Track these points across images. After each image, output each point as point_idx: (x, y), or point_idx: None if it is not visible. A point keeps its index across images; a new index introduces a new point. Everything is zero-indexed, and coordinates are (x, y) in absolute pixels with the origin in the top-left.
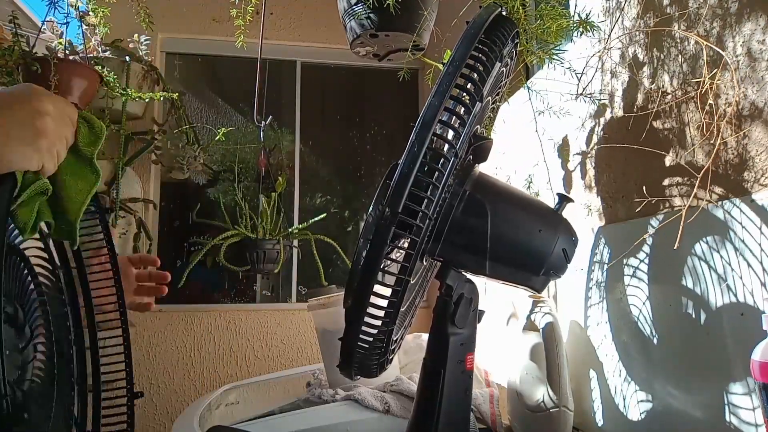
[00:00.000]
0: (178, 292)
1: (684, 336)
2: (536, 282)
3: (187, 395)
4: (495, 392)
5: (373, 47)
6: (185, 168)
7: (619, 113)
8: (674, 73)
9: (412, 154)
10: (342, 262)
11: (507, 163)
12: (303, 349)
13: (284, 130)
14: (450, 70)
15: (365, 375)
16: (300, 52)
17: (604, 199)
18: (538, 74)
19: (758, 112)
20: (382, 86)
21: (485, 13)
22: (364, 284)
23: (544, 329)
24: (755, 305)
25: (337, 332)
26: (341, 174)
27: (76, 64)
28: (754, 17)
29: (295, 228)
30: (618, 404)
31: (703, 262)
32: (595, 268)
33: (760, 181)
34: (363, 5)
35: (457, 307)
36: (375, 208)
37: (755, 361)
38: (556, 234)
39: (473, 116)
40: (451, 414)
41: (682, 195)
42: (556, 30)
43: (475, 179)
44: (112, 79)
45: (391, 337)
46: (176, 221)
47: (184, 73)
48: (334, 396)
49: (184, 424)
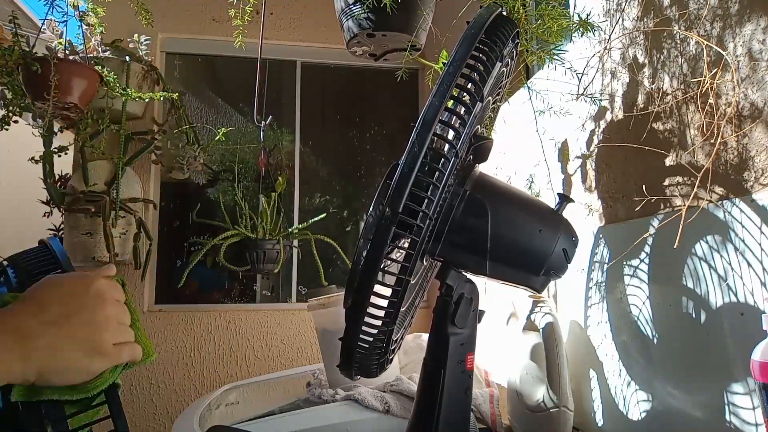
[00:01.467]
0: (178, 292)
1: (684, 336)
2: (536, 282)
3: (187, 395)
4: (495, 392)
5: (369, 47)
6: (185, 168)
7: (620, 113)
8: (674, 73)
9: (412, 154)
10: (342, 262)
11: (507, 163)
12: (303, 349)
13: (284, 130)
14: (450, 70)
15: (365, 375)
16: (300, 52)
17: (604, 199)
18: (538, 74)
19: (758, 112)
20: (381, 86)
21: (486, 13)
22: (364, 284)
23: (544, 329)
24: (755, 305)
25: (337, 332)
26: (341, 174)
27: (76, 64)
28: (754, 17)
29: (295, 228)
30: (618, 404)
31: (703, 262)
32: (595, 268)
33: (760, 181)
34: (360, 5)
35: (458, 307)
36: (375, 208)
37: (755, 361)
38: (557, 234)
39: (474, 116)
40: (451, 414)
41: (682, 195)
42: (557, 30)
43: (475, 179)
44: (112, 79)
45: (391, 337)
46: (176, 221)
47: (184, 73)
48: (334, 396)
49: (184, 424)
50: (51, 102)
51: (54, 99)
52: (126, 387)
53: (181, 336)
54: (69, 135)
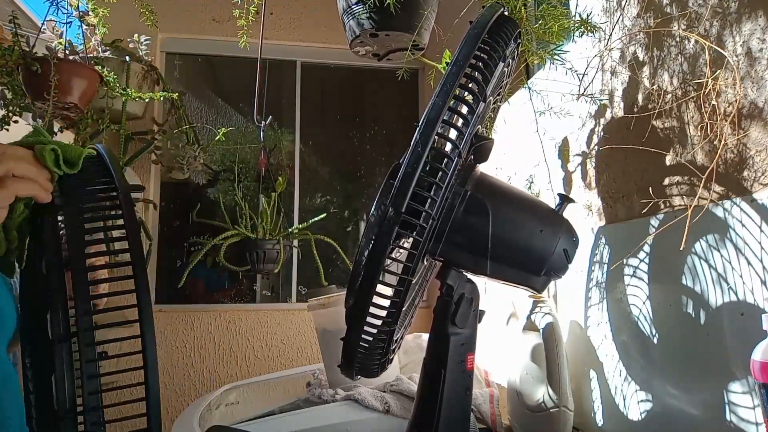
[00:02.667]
0: (177, 292)
1: (684, 336)
2: (537, 282)
3: (187, 395)
4: (495, 392)
5: (372, 47)
6: (185, 168)
7: (620, 113)
8: (674, 72)
9: (415, 153)
10: (342, 262)
11: (508, 164)
12: (303, 349)
13: (284, 130)
14: (454, 70)
15: (366, 375)
16: (300, 52)
17: (605, 199)
18: (538, 74)
19: (758, 112)
20: (382, 86)
21: (488, 13)
22: (366, 284)
23: (544, 329)
24: (755, 304)
25: (337, 332)
26: (341, 174)
27: (76, 64)
28: (754, 17)
29: (295, 228)
30: (618, 404)
31: (703, 262)
32: (595, 268)
33: (760, 180)
34: (363, 4)
35: (458, 307)
36: (377, 208)
37: (755, 360)
38: (557, 234)
39: (476, 116)
40: (451, 414)
41: (683, 195)
42: (558, 30)
43: (476, 179)
44: (112, 79)
45: (392, 337)
46: (176, 221)
47: (184, 73)
48: (334, 396)
49: (184, 424)
50: (51, 102)
51: (54, 99)
52: None
53: (181, 336)
54: (69, 135)
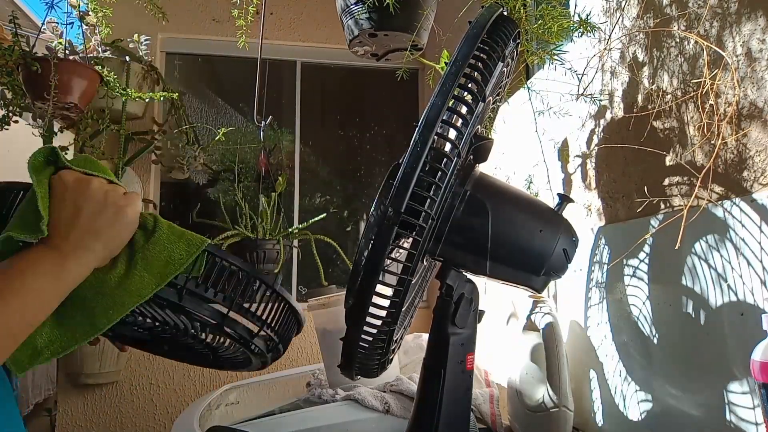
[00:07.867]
0: None
1: (684, 336)
2: (537, 282)
3: (187, 395)
4: (495, 392)
5: (371, 46)
6: (185, 168)
7: (619, 113)
8: (674, 73)
9: (415, 153)
10: (342, 262)
11: (507, 164)
12: (303, 349)
13: (284, 130)
14: (453, 70)
15: (366, 375)
16: (300, 52)
17: (604, 199)
18: (538, 74)
19: (758, 112)
20: (382, 86)
21: (487, 13)
22: (366, 284)
23: (544, 329)
24: (755, 304)
25: (337, 332)
26: (341, 174)
27: (76, 64)
28: (753, 17)
29: (295, 228)
30: (618, 404)
31: (703, 262)
32: (595, 268)
33: (760, 180)
34: (361, 4)
35: (458, 307)
36: (377, 208)
37: (755, 360)
38: (557, 234)
39: (476, 116)
40: (451, 414)
41: (682, 195)
42: (557, 30)
43: (475, 179)
44: (112, 79)
45: (392, 337)
46: (176, 221)
47: (184, 73)
48: (334, 396)
49: (184, 424)
50: (51, 102)
51: (54, 99)
52: (126, 387)
53: None
54: (69, 135)
